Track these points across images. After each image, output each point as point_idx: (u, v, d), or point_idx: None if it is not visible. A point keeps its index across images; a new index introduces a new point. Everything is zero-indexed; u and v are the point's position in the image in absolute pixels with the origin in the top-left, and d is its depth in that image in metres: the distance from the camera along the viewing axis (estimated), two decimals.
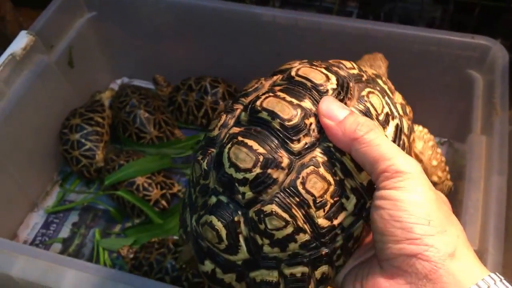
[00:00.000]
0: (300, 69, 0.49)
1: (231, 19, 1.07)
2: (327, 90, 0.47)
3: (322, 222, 0.45)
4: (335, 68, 0.50)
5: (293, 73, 0.49)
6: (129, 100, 1.15)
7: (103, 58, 1.26)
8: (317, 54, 0.71)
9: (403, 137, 0.51)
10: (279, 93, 0.47)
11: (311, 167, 0.45)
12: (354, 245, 0.49)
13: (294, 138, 0.45)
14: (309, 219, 0.45)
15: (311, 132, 0.46)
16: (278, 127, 0.45)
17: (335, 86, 0.48)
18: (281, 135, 0.45)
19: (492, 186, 0.78)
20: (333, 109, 0.45)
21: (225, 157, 0.45)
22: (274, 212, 0.44)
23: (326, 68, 0.49)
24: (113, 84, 1.32)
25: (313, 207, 0.44)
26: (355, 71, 0.52)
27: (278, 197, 0.44)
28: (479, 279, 0.39)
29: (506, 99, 0.86)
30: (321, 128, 0.46)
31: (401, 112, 0.54)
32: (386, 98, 0.52)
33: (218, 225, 0.45)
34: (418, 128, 0.65)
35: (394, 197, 0.41)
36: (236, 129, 0.47)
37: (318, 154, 0.45)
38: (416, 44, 0.97)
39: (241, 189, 0.45)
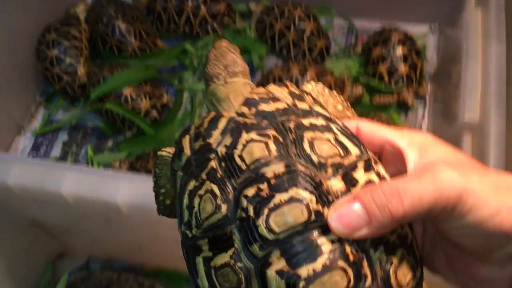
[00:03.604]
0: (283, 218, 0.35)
1: None
2: (319, 220, 0.36)
3: None
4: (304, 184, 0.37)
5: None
6: (105, 11, 1.09)
7: None
8: None
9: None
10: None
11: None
12: None
13: None
14: None
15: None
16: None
17: (316, 207, 0.36)
18: None
19: (491, 55, 0.77)
20: (349, 220, 0.35)
21: None
22: None
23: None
24: None
25: None
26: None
27: None
28: None
29: None
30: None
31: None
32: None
33: None
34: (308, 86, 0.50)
35: (473, 224, 0.36)
36: None
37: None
38: None
39: None
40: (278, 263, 0.35)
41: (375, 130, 0.42)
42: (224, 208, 0.37)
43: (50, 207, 0.74)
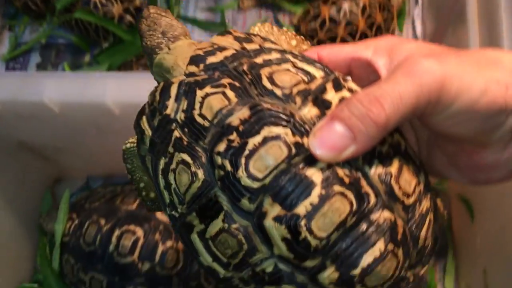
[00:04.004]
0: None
1: None
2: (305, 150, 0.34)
3: None
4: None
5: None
6: None
7: None
8: None
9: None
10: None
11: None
12: None
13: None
14: None
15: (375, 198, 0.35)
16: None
17: (293, 139, 0.34)
18: None
19: None
20: (333, 142, 0.33)
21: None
22: None
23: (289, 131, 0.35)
24: None
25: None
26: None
27: None
28: None
29: None
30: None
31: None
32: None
33: None
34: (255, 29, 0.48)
35: (464, 108, 0.33)
36: None
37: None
38: None
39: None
40: (273, 210, 0.33)
41: (337, 51, 0.39)
42: (200, 173, 0.34)
43: (35, 122, 0.69)
